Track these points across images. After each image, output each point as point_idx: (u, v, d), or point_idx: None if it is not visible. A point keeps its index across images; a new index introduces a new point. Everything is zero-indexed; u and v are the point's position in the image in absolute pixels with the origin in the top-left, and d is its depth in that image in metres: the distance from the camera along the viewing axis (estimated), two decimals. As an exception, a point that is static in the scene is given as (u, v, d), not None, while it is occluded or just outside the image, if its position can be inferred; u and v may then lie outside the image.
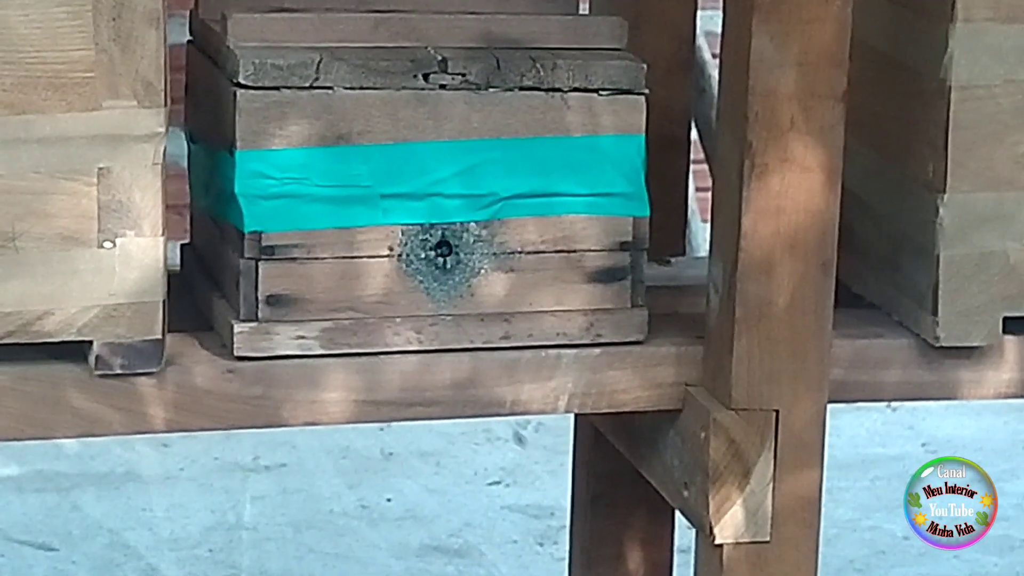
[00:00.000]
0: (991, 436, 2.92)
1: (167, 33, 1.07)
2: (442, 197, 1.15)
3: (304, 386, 1.13)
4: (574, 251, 1.20)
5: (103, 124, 1.03)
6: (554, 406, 1.23)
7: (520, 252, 1.18)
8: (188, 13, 1.26)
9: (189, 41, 1.22)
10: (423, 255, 1.14)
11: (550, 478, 2.61)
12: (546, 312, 1.18)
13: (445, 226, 1.15)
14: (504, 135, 1.13)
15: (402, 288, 1.13)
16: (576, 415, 1.39)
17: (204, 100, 1.17)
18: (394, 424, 2.06)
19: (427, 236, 1.14)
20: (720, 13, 1.21)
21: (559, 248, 1.20)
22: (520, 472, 2.72)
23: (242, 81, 1.08)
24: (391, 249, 1.13)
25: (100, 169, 1.03)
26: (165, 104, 1.05)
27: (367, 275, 1.12)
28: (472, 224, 1.16)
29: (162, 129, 1.05)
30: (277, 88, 1.09)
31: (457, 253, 1.16)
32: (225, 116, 1.13)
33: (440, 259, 1.15)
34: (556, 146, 1.15)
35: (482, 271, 1.17)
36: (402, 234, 1.12)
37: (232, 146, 1.10)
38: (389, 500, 2.61)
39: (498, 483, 2.70)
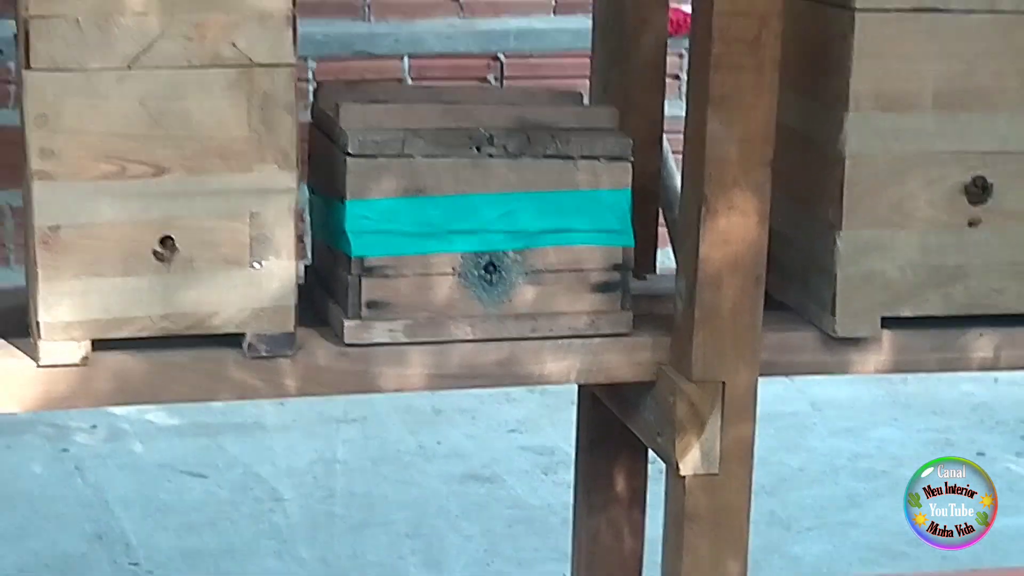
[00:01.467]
0: (859, 397, 2.78)
1: (297, 117, 1.01)
2: (489, 232, 1.08)
3: (393, 364, 1.06)
4: (582, 270, 1.12)
5: (254, 182, 0.99)
6: (567, 378, 1.15)
7: (544, 271, 1.10)
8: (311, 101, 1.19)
9: (311, 122, 1.14)
10: (476, 273, 1.07)
11: (552, 428, 2.47)
12: (561, 313, 1.10)
13: (491, 253, 1.08)
14: (533, 189, 1.07)
15: (461, 296, 1.06)
16: (580, 385, 1.32)
17: (322, 164, 1.10)
18: (442, 389, 1.94)
19: (479, 260, 1.06)
20: (682, 103, 1.11)
21: (571, 268, 1.12)
22: (531, 423, 2.59)
23: (350, 151, 1.02)
24: (453, 269, 1.06)
25: (252, 213, 0.97)
26: (297, 167, 1.00)
27: (437, 287, 1.04)
28: (511, 252, 1.09)
29: (294, 185, 1.00)
30: (375, 156, 1.02)
31: (500, 272, 1.08)
32: (337, 175, 1.06)
33: (488, 276, 1.07)
34: (569, 197, 1.08)
35: (517, 284, 1.09)
36: (461, 258, 1.05)
37: (343, 197, 1.04)
38: (439, 443, 2.49)
39: (515, 431, 2.58)
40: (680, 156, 1.09)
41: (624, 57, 1.26)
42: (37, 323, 0.96)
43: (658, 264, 1.36)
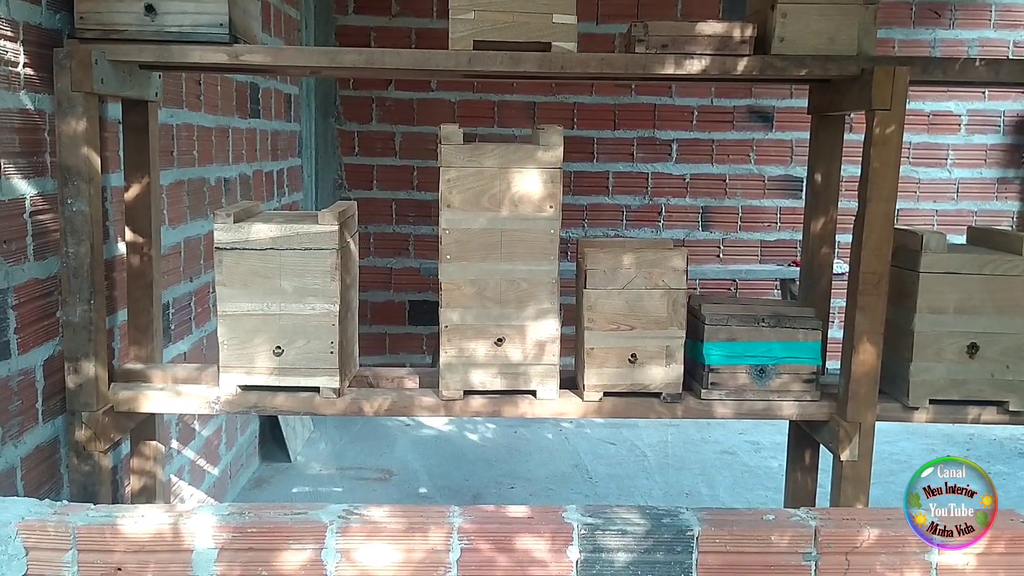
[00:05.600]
0: (913, 432, 4.17)
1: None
2: (768, 358, 2.43)
3: (720, 408, 2.46)
4: (799, 373, 2.34)
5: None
6: (793, 416, 2.41)
7: (784, 373, 2.33)
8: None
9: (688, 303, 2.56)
10: (756, 372, 2.46)
11: (756, 433, 4.35)
12: (791, 391, 2.35)
13: (764, 365, 2.46)
14: (781, 340, 2.40)
15: (750, 381, 2.44)
16: (792, 421, 2.66)
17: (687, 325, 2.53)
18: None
19: (758, 367, 2.43)
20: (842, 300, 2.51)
21: (795, 372, 2.34)
22: (749, 432, 4.69)
23: (707, 323, 2.45)
24: (747, 371, 2.46)
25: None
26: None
27: (741, 377, 2.48)
28: (770, 365, 2.45)
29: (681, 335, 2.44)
30: (715, 325, 2.47)
31: (767, 372, 2.45)
32: (697, 331, 2.49)
33: (761, 373, 2.45)
34: (796, 343, 2.42)
35: (773, 377, 2.44)
36: (750, 367, 2.44)
37: (703, 340, 2.47)
38: (710, 437, 4.23)
39: (742, 433, 4.71)
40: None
41: (815, 282, 2.66)
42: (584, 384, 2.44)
43: (827, 368, 2.75)
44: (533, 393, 2.43)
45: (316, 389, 2.38)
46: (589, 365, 2.41)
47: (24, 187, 2.11)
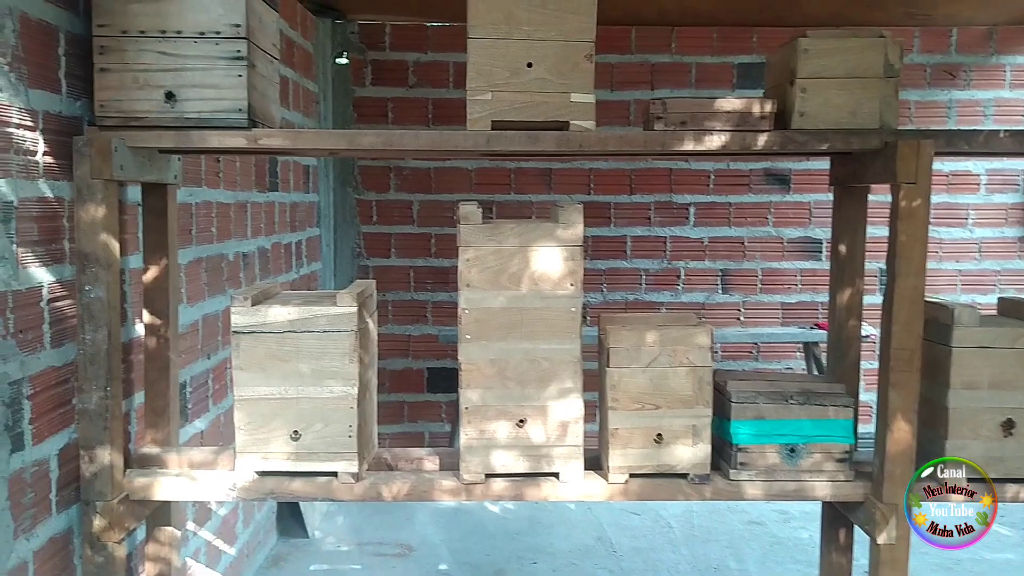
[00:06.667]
0: None
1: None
2: (798, 436, 2.36)
3: (751, 489, 2.37)
4: (832, 452, 2.27)
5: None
6: (827, 497, 2.31)
7: (816, 452, 2.25)
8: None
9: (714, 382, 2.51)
10: (787, 451, 2.38)
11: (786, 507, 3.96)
12: (823, 471, 2.28)
13: (794, 444, 2.35)
14: (812, 418, 2.28)
15: (780, 461, 2.37)
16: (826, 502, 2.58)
17: (715, 402, 2.46)
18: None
19: (789, 447, 2.37)
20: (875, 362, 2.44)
21: (827, 451, 2.26)
22: (777, 506, 4.34)
23: (733, 402, 2.39)
24: (777, 450, 2.39)
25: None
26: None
27: (771, 457, 2.41)
28: (801, 444, 2.33)
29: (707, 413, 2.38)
30: (741, 403, 2.40)
31: (797, 452, 2.38)
32: (725, 409, 2.43)
33: (792, 453, 2.38)
34: (827, 421, 2.32)
35: (804, 459, 2.37)
36: (781, 446, 2.38)
37: (730, 418, 2.40)
38: (742, 509, 4.16)
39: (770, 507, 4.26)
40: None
41: (843, 355, 2.60)
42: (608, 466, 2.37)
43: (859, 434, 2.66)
44: (556, 475, 2.36)
45: (334, 473, 2.32)
46: (614, 446, 2.35)
47: (42, 275, 2.09)
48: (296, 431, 2.29)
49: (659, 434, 2.34)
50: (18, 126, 1.98)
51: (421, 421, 5.53)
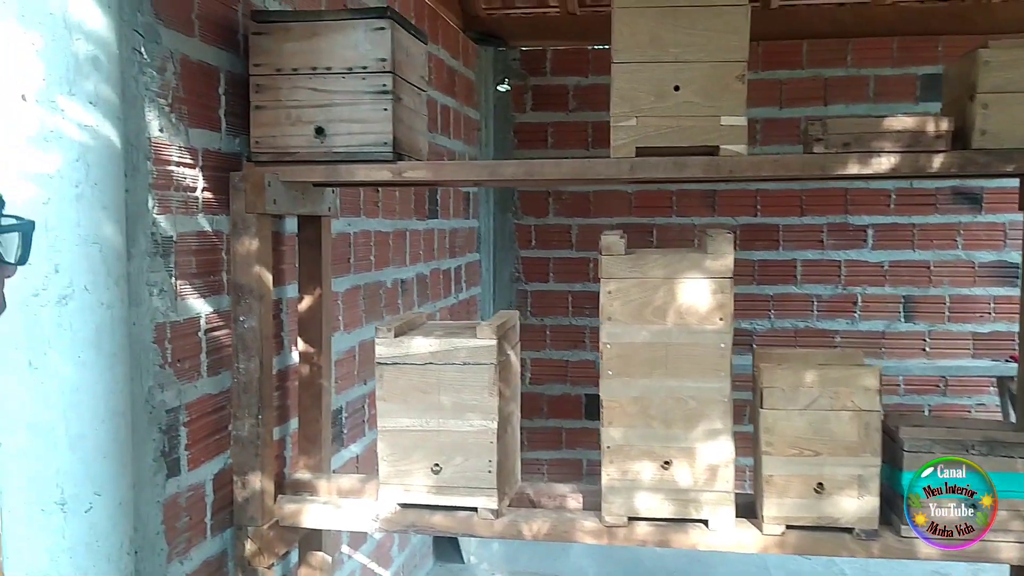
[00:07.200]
0: None
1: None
2: (981, 491, 2.14)
3: (924, 550, 2.15)
4: (1021, 511, 2.04)
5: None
6: (1019, 561, 2.14)
7: (1003, 512, 2.13)
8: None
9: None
10: (965, 510, 2.13)
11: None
12: (1011, 531, 2.07)
13: (976, 500, 2.14)
14: (998, 471, 2.06)
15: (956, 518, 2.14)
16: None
17: (887, 450, 2.24)
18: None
19: (971, 502, 2.13)
20: None
21: (1017, 511, 2.05)
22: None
23: (906, 450, 2.16)
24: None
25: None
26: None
27: (950, 510, 2.16)
28: (983, 501, 2.13)
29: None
30: (916, 452, 2.17)
31: (980, 510, 2.14)
32: (897, 458, 2.21)
33: (972, 511, 2.13)
34: (1014, 475, 2.11)
35: (987, 517, 2.14)
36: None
37: (902, 469, 2.17)
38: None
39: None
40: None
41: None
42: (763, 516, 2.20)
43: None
44: (705, 522, 2.22)
45: (474, 509, 2.28)
46: (768, 494, 2.19)
47: (200, 306, 2.18)
48: (437, 464, 2.27)
49: (820, 483, 2.15)
50: (178, 164, 2.08)
51: (579, 448, 5.45)
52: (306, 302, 2.65)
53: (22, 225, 0.81)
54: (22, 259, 0.81)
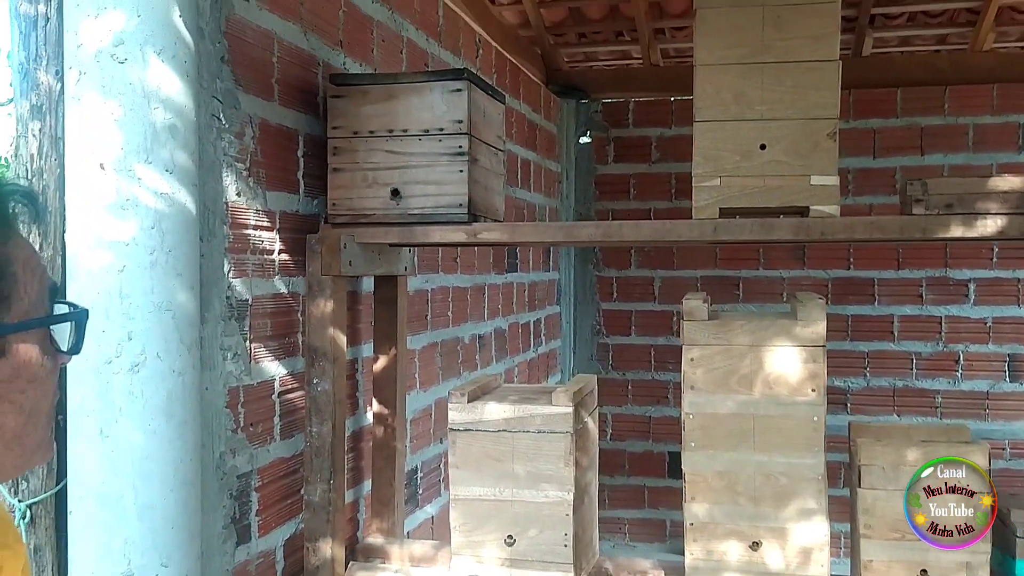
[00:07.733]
0: None
1: None
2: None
3: None
4: None
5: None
6: None
7: None
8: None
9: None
10: None
11: None
12: None
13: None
14: None
15: None
16: None
17: (999, 530, 2.06)
18: None
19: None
20: None
21: None
22: None
23: (1019, 536, 1.98)
24: None
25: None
26: None
27: None
28: None
29: None
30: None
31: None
32: (1008, 543, 2.02)
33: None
34: None
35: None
36: None
37: (1014, 556, 1.99)
38: None
39: None
40: None
41: None
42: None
43: None
44: (797, 608, 2.07)
45: (549, 583, 2.18)
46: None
47: (274, 368, 2.16)
48: (510, 536, 2.18)
49: (923, 569, 2.00)
50: (255, 227, 2.08)
51: (662, 508, 5.26)
52: (381, 362, 2.62)
53: (76, 314, 0.78)
54: (75, 348, 0.78)
